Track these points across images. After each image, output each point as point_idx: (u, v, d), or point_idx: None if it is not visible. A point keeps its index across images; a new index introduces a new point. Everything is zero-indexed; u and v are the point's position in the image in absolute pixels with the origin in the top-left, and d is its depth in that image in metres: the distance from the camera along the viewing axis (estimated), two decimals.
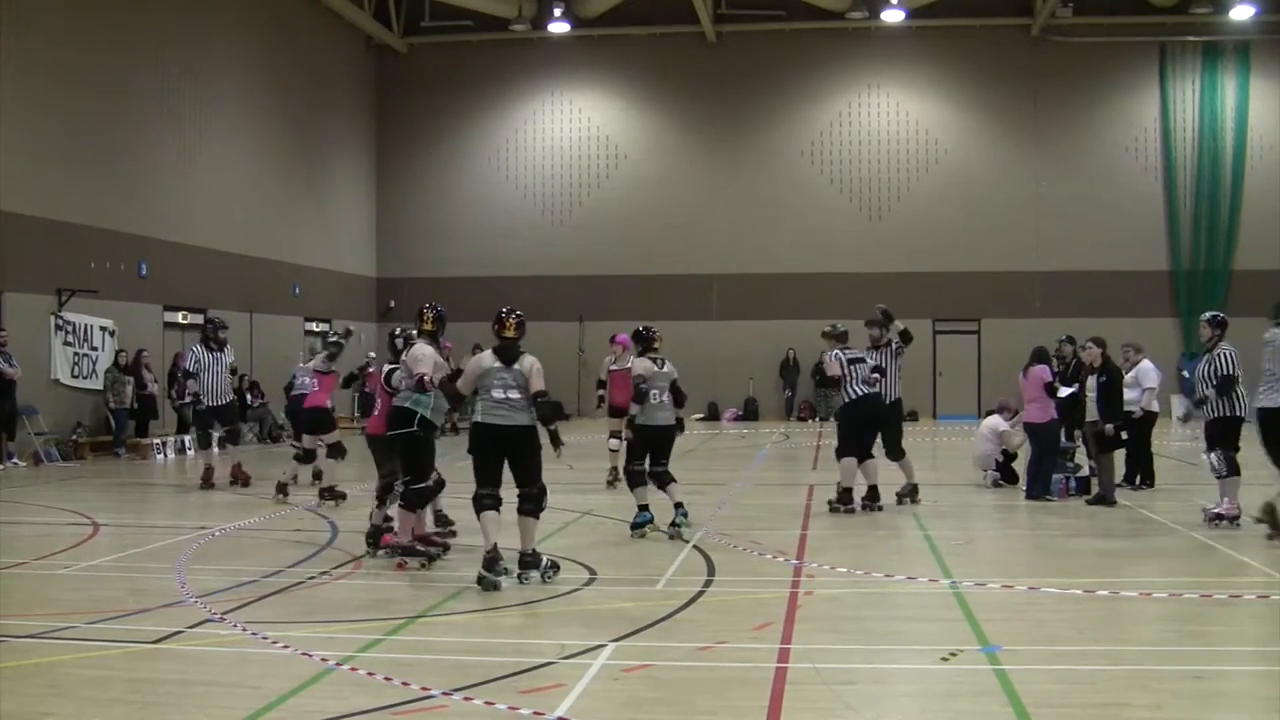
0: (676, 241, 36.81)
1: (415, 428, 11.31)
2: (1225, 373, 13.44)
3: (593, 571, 10.98)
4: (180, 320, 27.30)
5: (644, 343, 13.52)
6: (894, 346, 16.02)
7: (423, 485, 11.45)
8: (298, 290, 32.63)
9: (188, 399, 19.20)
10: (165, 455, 24.17)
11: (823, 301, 34.37)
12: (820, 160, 36.80)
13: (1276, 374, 12.65)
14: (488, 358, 10.66)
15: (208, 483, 18.47)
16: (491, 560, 10.21)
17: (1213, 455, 13.62)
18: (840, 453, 15.21)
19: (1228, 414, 13.44)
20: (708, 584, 10.43)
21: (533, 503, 10.51)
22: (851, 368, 15.24)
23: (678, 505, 13.05)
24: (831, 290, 35.34)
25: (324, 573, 11.04)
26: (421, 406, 11.36)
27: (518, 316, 10.88)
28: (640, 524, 13.13)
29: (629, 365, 15.28)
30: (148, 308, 26.11)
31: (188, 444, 24.83)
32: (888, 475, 15.65)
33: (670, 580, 10.63)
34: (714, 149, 37.16)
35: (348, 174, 36.71)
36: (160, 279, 26.28)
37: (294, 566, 11.34)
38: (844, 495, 15.08)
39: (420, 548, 11.43)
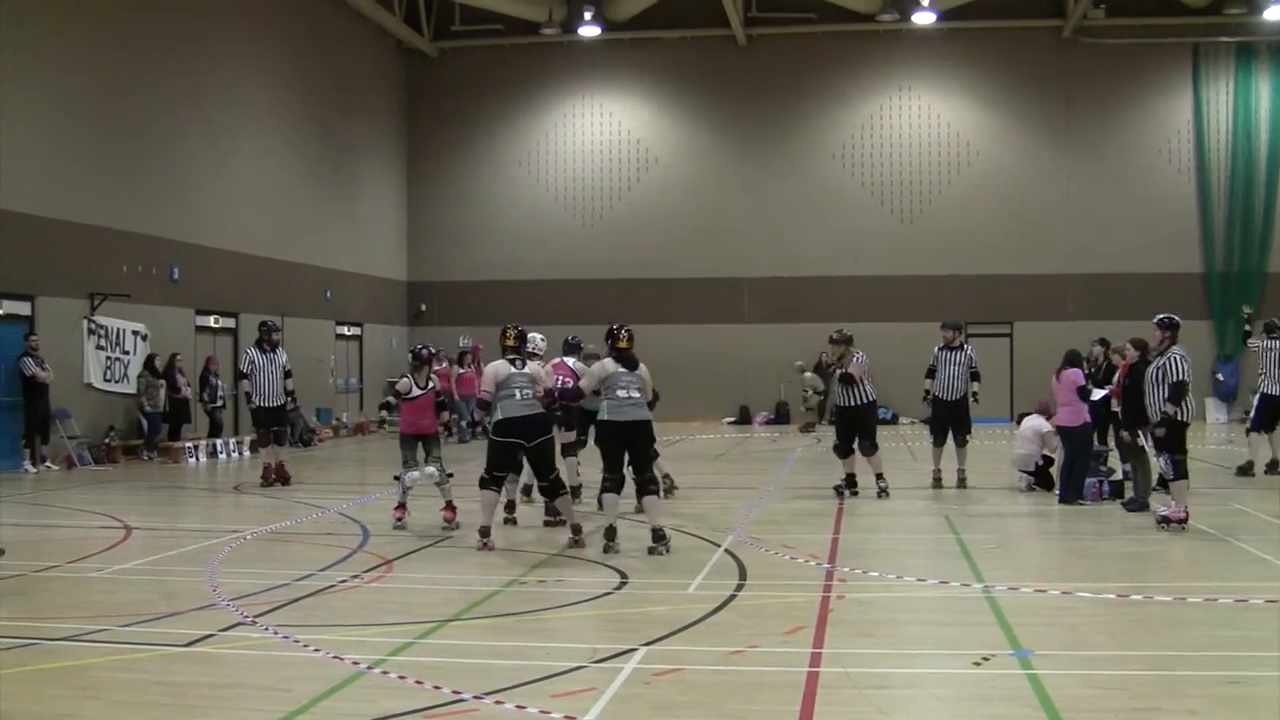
0: (707, 245, 36.78)
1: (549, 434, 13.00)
2: (1176, 379, 13.44)
3: (624, 575, 10.98)
4: (212, 324, 27.41)
5: (610, 340, 12.99)
6: (966, 349, 18.34)
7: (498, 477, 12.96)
8: (329, 294, 32.74)
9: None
10: (197, 459, 24.26)
11: (854, 305, 34.35)
12: (851, 163, 36.72)
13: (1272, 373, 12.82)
14: (610, 364, 12.58)
15: (268, 480, 19.03)
16: (612, 531, 12.29)
17: (1162, 459, 13.66)
18: (873, 448, 16.83)
19: (1177, 419, 13.48)
20: (739, 588, 10.42)
21: (655, 484, 12.58)
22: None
23: (658, 535, 12.24)
24: (863, 293, 35.32)
25: (355, 576, 11.07)
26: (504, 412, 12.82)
27: (629, 330, 12.90)
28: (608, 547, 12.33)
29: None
30: (179, 311, 26.22)
31: (219, 447, 25.00)
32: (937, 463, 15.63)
33: (701, 584, 10.62)
34: (744, 152, 37.11)
35: (378, 177, 36.82)
36: (192, 283, 26.39)
37: (325, 570, 11.37)
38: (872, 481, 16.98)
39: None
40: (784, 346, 35.78)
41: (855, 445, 17.10)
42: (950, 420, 18.39)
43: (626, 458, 12.55)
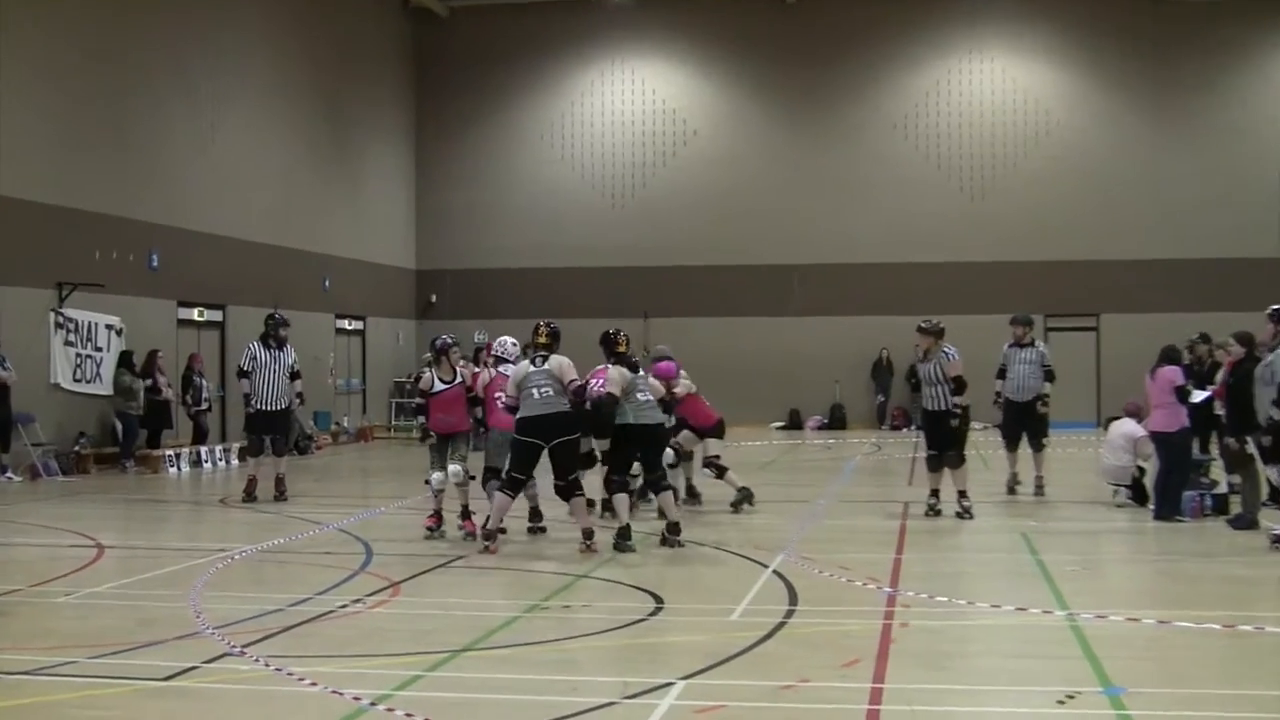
0: (752, 227, 36.67)
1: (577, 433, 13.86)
2: None
3: (659, 599, 10.96)
4: (196, 317, 27.50)
5: (609, 346, 14.57)
6: (1037, 346, 18.62)
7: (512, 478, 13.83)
8: (328, 284, 32.82)
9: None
10: (179, 468, 24.27)
11: (918, 294, 34.18)
12: (914, 135, 36.56)
13: None
14: (628, 371, 14.22)
15: (250, 495, 18.69)
16: (627, 529, 13.70)
17: (1273, 470, 13.51)
18: (959, 459, 16.28)
19: None
20: (789, 614, 10.39)
21: (669, 480, 14.71)
22: None
23: (674, 528, 14.05)
24: (926, 282, 35.15)
25: (357, 600, 11.07)
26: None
27: (625, 334, 14.71)
28: (623, 546, 13.74)
29: (690, 386, 16.98)
30: (159, 303, 26.27)
31: (204, 456, 25.03)
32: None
33: (747, 609, 10.59)
34: (794, 123, 37.01)
35: (384, 154, 36.90)
36: (173, 271, 26.44)
37: (323, 594, 11.36)
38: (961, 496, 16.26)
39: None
40: (837, 341, 35.70)
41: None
42: (1024, 423, 18.59)
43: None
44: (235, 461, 25.09)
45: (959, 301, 34.25)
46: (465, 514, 14.68)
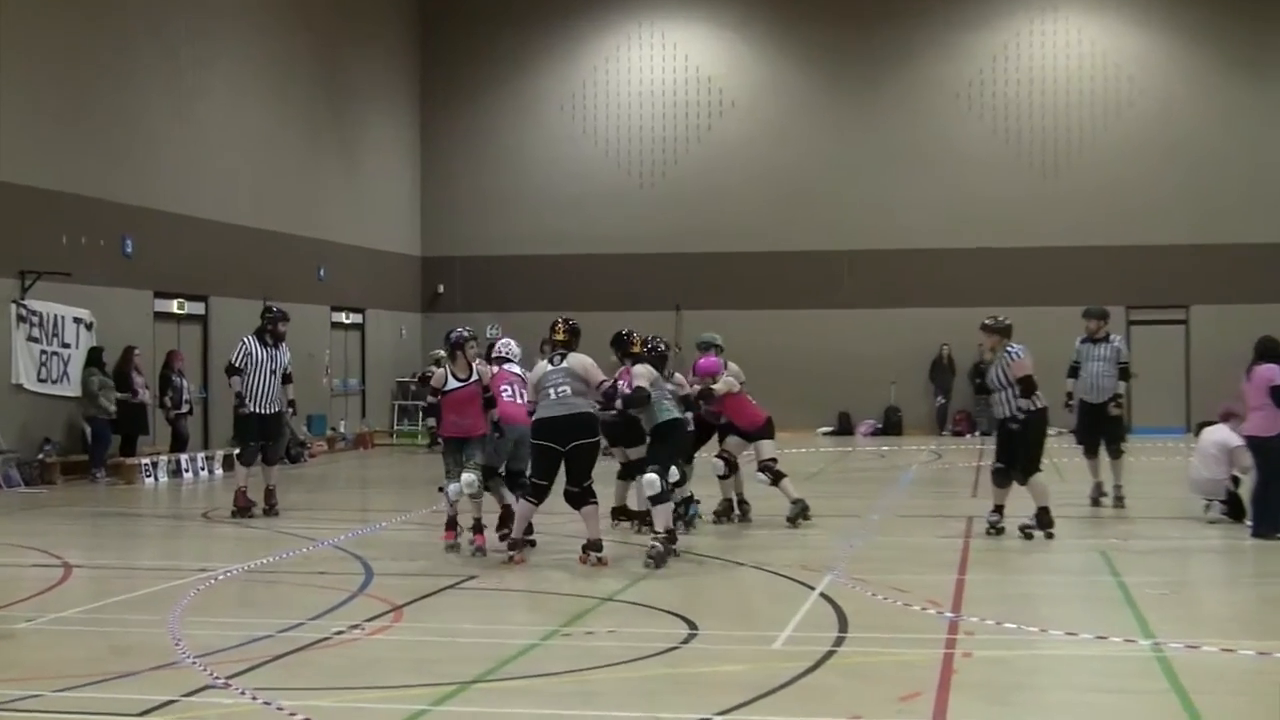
0: (796, 210, 36.64)
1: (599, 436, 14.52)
2: None
3: (692, 625, 10.95)
4: (175, 310, 27.56)
5: (624, 348, 15.38)
6: (1113, 341, 18.81)
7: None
8: (323, 273, 32.89)
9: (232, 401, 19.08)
10: (156, 479, 24.35)
11: (982, 283, 34.16)
12: (979, 105, 36.47)
13: None
14: (653, 368, 14.93)
15: (242, 509, 18.65)
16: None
17: None
18: (1031, 471, 15.91)
19: None
20: (839, 641, 10.39)
21: (671, 489, 14.99)
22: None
23: (669, 538, 14.53)
24: (993, 270, 35.08)
25: (355, 626, 11.08)
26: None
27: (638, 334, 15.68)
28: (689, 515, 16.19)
29: (734, 383, 17.06)
30: (134, 294, 26.27)
31: (184, 464, 25.07)
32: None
33: (791, 636, 10.59)
34: (845, 93, 36.94)
35: (385, 126, 36.98)
36: (150, 258, 26.46)
37: (317, 618, 11.38)
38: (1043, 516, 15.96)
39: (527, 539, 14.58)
40: (892, 337, 35.63)
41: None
42: (1099, 427, 18.65)
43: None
44: (220, 471, 25.18)
45: (1029, 292, 34.21)
46: (477, 527, 14.74)
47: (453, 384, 14.95)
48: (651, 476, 14.31)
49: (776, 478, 17.02)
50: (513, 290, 36.41)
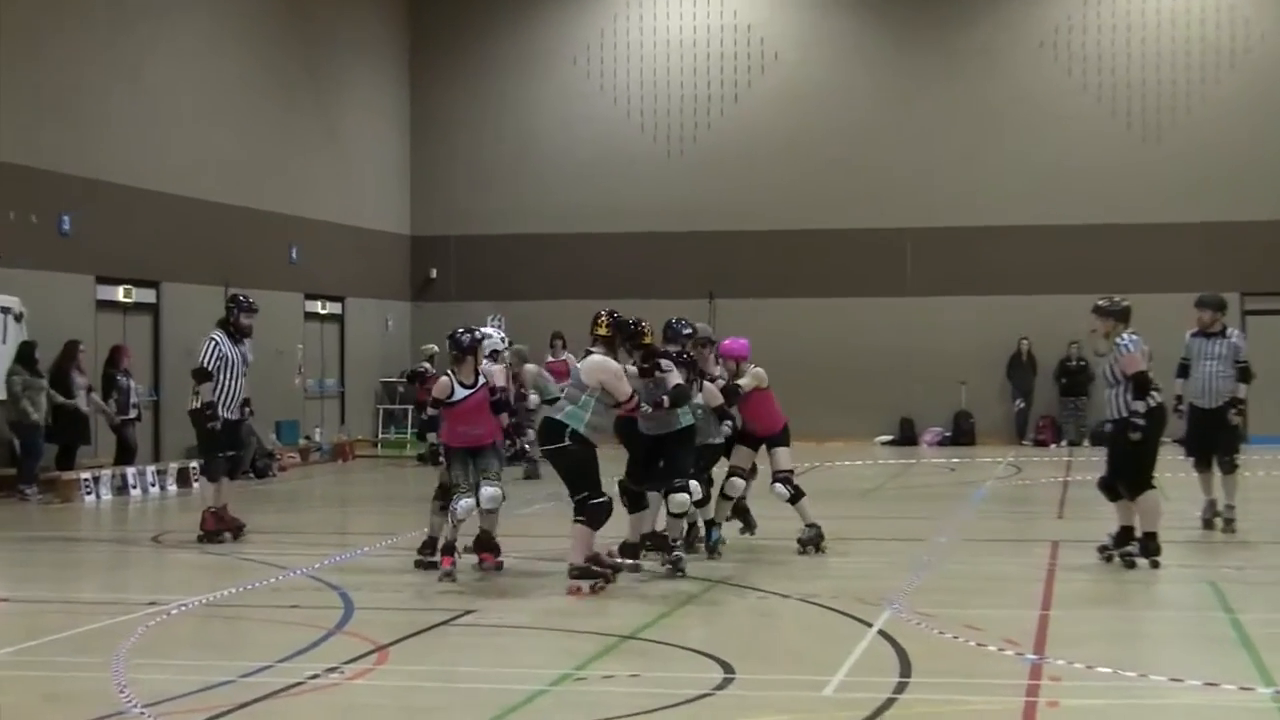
0: (850, 181, 36.66)
1: (568, 442, 14.31)
2: None
3: (728, 668, 10.93)
4: (122, 298, 27.64)
5: (633, 338, 15.16)
6: (1230, 336, 18.48)
7: (603, 499, 14.33)
8: (295, 254, 32.94)
9: (198, 406, 18.96)
10: (98, 496, 24.38)
11: (1070, 267, 34.17)
12: (1066, 56, 36.44)
13: None
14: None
15: (210, 534, 18.49)
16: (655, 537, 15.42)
17: None
18: (1141, 486, 15.69)
19: None
20: (900, 688, 10.37)
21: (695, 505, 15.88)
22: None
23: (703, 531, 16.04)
24: (1080, 250, 34.99)
25: (332, 669, 11.08)
26: (574, 420, 14.31)
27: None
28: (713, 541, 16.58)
29: (761, 377, 17.07)
30: (73, 279, 26.31)
31: (131, 479, 25.00)
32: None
33: (844, 682, 10.59)
34: (907, 43, 36.97)
35: (370, 84, 37.10)
36: (92, 238, 26.49)
37: (287, 660, 11.38)
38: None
39: (596, 568, 14.39)
40: (963, 329, 35.60)
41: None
42: (1214, 437, 18.47)
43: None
44: (173, 487, 25.20)
45: (1125, 276, 33.97)
46: (448, 549, 14.75)
47: (461, 393, 14.98)
48: (683, 497, 14.87)
49: (796, 495, 16.87)
50: (517, 275, 36.47)
